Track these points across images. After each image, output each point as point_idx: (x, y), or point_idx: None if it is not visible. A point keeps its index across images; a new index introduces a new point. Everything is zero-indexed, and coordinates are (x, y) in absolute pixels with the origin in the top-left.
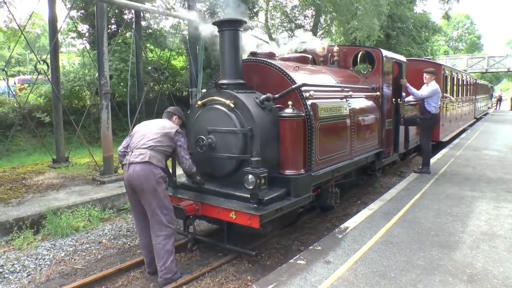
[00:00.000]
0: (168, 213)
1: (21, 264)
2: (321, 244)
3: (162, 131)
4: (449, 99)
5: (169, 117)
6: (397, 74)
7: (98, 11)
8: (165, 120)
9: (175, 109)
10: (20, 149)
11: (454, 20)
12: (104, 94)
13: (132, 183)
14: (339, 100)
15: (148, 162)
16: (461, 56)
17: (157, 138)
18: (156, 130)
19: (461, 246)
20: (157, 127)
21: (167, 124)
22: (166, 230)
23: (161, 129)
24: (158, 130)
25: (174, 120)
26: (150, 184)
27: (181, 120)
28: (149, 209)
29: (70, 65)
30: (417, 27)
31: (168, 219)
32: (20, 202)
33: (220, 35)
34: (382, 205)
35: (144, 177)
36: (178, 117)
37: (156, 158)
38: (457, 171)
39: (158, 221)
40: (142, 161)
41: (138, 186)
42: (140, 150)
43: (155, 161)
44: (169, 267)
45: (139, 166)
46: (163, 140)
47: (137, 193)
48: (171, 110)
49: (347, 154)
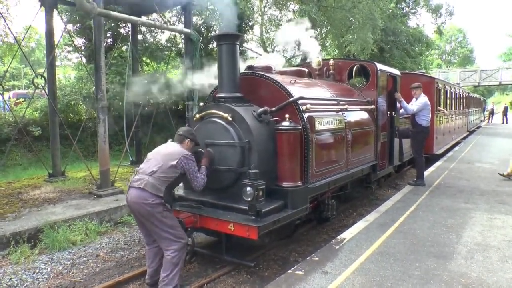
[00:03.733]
0: (173, 230)
1: (19, 278)
2: (319, 255)
3: (166, 158)
4: (442, 112)
5: (181, 140)
6: (392, 88)
7: (96, 25)
8: (174, 146)
9: (187, 131)
10: (16, 164)
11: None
12: (101, 108)
13: (130, 206)
14: (335, 113)
15: (142, 189)
16: (454, 70)
17: (160, 165)
18: (161, 157)
19: (456, 256)
20: (164, 153)
21: (174, 150)
22: (176, 244)
23: (167, 156)
24: (163, 157)
25: (186, 143)
26: (146, 210)
27: (194, 142)
28: (153, 231)
29: (66, 79)
30: (410, 41)
31: (176, 235)
32: (16, 216)
33: (218, 49)
34: (378, 216)
35: (138, 204)
36: (191, 140)
37: (153, 185)
38: (451, 183)
39: (165, 239)
40: (138, 187)
41: (136, 210)
42: (140, 175)
43: (149, 188)
44: (171, 279)
45: (135, 191)
46: (166, 168)
47: (137, 216)
48: (183, 133)
49: (343, 167)
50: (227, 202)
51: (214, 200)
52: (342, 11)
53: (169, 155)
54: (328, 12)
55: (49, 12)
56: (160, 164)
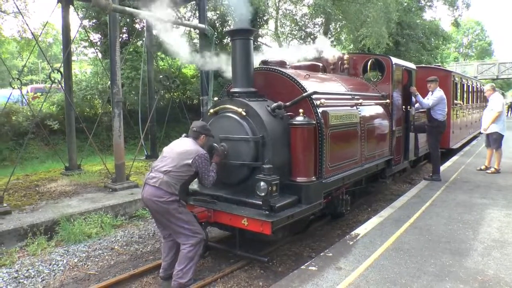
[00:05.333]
0: (189, 226)
1: (36, 269)
2: (332, 250)
3: (181, 157)
4: (459, 106)
5: (196, 136)
6: (407, 82)
7: (111, 21)
8: (190, 142)
9: (202, 127)
10: (33, 157)
11: (464, 26)
12: (116, 103)
13: (145, 202)
14: (349, 107)
15: (158, 187)
16: (471, 63)
17: (174, 164)
18: (176, 155)
19: (472, 253)
20: (179, 151)
21: (190, 148)
22: (193, 239)
23: (182, 154)
24: (179, 156)
25: (202, 139)
26: (161, 207)
27: (209, 136)
28: (169, 227)
29: (82, 74)
30: (426, 34)
31: (192, 230)
32: (34, 208)
33: (232, 44)
34: (392, 212)
35: (153, 201)
36: (206, 135)
37: (168, 183)
38: (468, 178)
39: (181, 234)
40: (154, 185)
41: (150, 207)
42: (156, 173)
43: (164, 187)
44: (185, 272)
45: (151, 189)
46: (180, 166)
47: (152, 212)
48: (198, 129)
49: (358, 162)
50: (241, 196)
51: (228, 195)
52: (357, 5)
53: (184, 153)
54: (343, 6)
55: (66, 8)
56: (175, 163)
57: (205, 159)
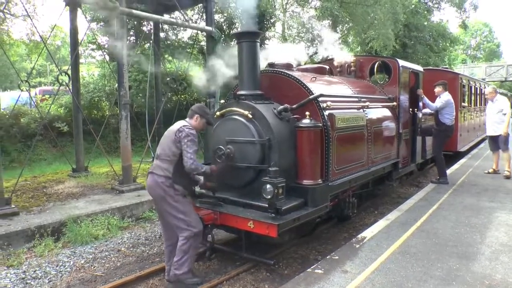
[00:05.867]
0: (185, 217)
1: (43, 270)
2: (339, 253)
3: (168, 135)
4: (467, 109)
5: (191, 116)
6: (414, 84)
7: (118, 23)
8: (180, 122)
9: (198, 107)
10: (41, 159)
11: (472, 28)
12: (123, 105)
13: (148, 192)
14: (356, 110)
15: (152, 173)
16: (479, 65)
17: (163, 145)
18: (165, 137)
19: (479, 257)
20: (168, 133)
21: (176, 126)
22: (186, 232)
23: (169, 133)
24: (167, 136)
25: (195, 119)
26: (157, 193)
27: (205, 119)
28: (167, 218)
29: (89, 76)
30: (434, 36)
31: (187, 222)
32: (41, 210)
33: (239, 46)
34: (399, 215)
35: (152, 188)
36: (200, 115)
37: (160, 167)
38: (475, 181)
39: (177, 225)
40: (151, 171)
41: (151, 194)
42: (154, 161)
43: (157, 171)
44: (180, 264)
45: (149, 176)
46: (167, 147)
47: (155, 203)
48: (194, 109)
49: (364, 164)
50: (247, 199)
51: (235, 197)
52: (364, 7)
53: (171, 132)
54: (350, 8)
55: (73, 11)
56: (164, 145)
57: (188, 134)
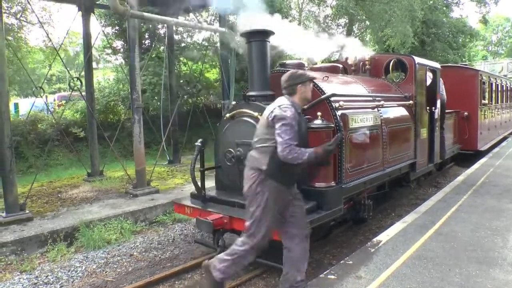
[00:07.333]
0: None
1: (55, 275)
2: (353, 258)
3: (263, 120)
4: (487, 107)
5: (290, 92)
6: (431, 82)
7: (130, 27)
8: (279, 100)
9: (291, 76)
10: (58, 164)
11: (493, 23)
12: (136, 109)
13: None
14: (370, 110)
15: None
16: (500, 61)
17: (257, 132)
18: (260, 123)
19: (501, 262)
20: (262, 117)
21: (271, 106)
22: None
23: (264, 117)
24: (261, 121)
25: (299, 90)
26: (247, 188)
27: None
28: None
29: (105, 80)
30: (453, 32)
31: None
32: (55, 215)
33: (248, 46)
34: (416, 217)
35: (244, 181)
36: (301, 83)
37: (253, 158)
38: (497, 182)
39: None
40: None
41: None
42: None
43: (250, 163)
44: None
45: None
46: (261, 133)
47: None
48: (288, 83)
49: (379, 165)
50: None
51: (245, 201)
52: (380, 4)
53: (265, 113)
54: (367, 6)
55: (86, 16)
56: (258, 130)
57: (281, 116)
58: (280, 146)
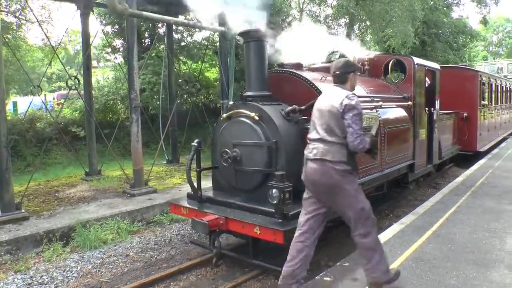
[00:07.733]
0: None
1: (50, 276)
2: (349, 260)
3: (326, 111)
4: (487, 107)
5: (343, 81)
6: (431, 82)
7: (129, 26)
8: (337, 90)
9: (345, 64)
10: (56, 162)
11: (493, 24)
12: (134, 108)
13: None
14: (368, 110)
15: (321, 160)
16: (501, 62)
17: (325, 125)
18: (323, 113)
19: (498, 265)
20: (325, 107)
21: (336, 95)
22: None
23: (327, 107)
24: (324, 112)
25: (351, 79)
26: (331, 183)
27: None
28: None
29: (104, 79)
30: (453, 33)
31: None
32: (51, 214)
33: (246, 46)
34: (414, 219)
35: (323, 175)
36: (352, 72)
37: (331, 151)
38: (496, 183)
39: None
40: (315, 158)
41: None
42: (314, 144)
43: (330, 156)
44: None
45: (316, 164)
46: (334, 125)
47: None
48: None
49: (377, 167)
50: (254, 204)
51: (242, 202)
52: (381, 4)
53: (329, 103)
54: (367, 6)
55: (85, 15)
56: (327, 123)
57: (354, 106)
58: (351, 136)
